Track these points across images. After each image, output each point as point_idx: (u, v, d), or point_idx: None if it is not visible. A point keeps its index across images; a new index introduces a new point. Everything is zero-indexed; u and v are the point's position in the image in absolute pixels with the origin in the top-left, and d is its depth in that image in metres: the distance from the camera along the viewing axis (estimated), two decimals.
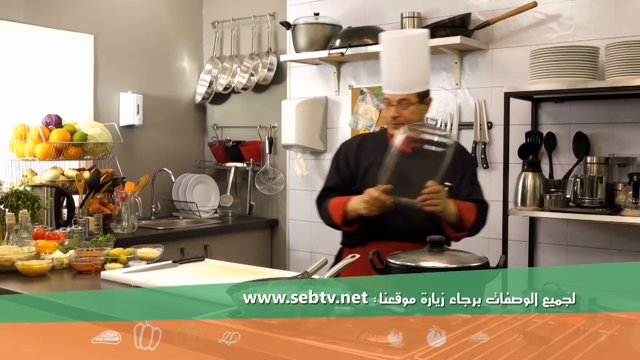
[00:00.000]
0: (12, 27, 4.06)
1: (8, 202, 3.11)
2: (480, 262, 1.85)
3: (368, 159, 2.68)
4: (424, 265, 1.83)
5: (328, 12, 4.30)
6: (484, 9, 3.77)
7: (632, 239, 3.35)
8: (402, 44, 2.57)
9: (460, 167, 2.59)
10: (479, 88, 3.81)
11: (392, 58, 2.59)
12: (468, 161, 2.72)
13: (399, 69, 2.56)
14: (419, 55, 2.57)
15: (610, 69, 3.14)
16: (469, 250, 2.02)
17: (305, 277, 2.02)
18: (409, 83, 2.54)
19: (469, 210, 2.53)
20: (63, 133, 3.91)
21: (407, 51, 2.55)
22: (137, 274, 2.34)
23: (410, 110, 2.55)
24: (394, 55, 2.58)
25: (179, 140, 4.98)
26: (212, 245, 4.25)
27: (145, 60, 4.80)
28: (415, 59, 2.55)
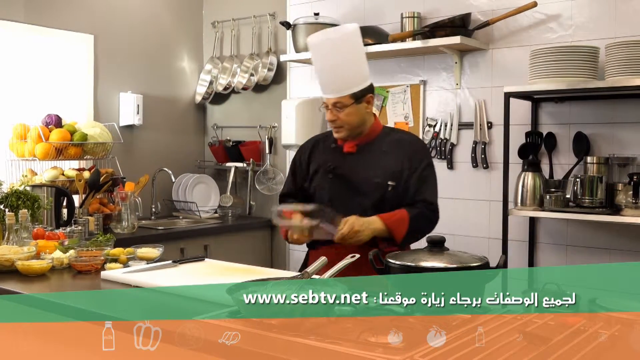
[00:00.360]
0: (12, 27, 4.06)
1: (8, 202, 3.11)
2: (480, 262, 1.85)
3: (317, 162, 2.64)
4: (424, 265, 1.83)
5: (328, 12, 4.30)
6: (484, 9, 3.77)
7: (632, 239, 3.35)
8: (327, 45, 2.44)
9: (411, 160, 2.52)
10: (479, 88, 3.81)
11: (319, 61, 2.50)
12: (420, 154, 2.58)
13: (328, 72, 2.47)
14: (348, 54, 2.44)
15: (610, 69, 3.14)
16: (469, 250, 2.02)
17: (305, 277, 2.02)
18: (339, 85, 2.45)
19: (400, 224, 2.45)
20: (63, 133, 3.91)
21: (334, 52, 2.43)
22: (137, 274, 2.34)
23: (346, 112, 2.46)
24: (321, 58, 2.48)
25: (179, 140, 4.98)
26: (212, 245, 4.25)
27: (145, 60, 4.79)
28: (344, 59, 2.43)
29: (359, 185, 2.53)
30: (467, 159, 3.84)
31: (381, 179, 2.51)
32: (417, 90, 4.03)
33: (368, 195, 2.52)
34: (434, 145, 3.95)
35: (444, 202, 3.94)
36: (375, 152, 2.55)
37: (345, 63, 2.44)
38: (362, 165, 2.54)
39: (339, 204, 2.53)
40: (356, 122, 2.50)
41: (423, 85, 4.01)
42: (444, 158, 3.92)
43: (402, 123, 4.07)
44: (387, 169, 2.51)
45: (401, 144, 2.57)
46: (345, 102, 2.46)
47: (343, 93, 2.44)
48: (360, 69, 2.48)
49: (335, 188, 2.57)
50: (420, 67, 4.03)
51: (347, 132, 2.52)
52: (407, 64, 4.07)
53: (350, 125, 2.50)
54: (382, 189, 2.51)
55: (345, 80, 2.44)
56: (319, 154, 2.66)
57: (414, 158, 2.53)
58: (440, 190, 3.95)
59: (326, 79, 2.48)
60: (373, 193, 2.52)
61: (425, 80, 4.01)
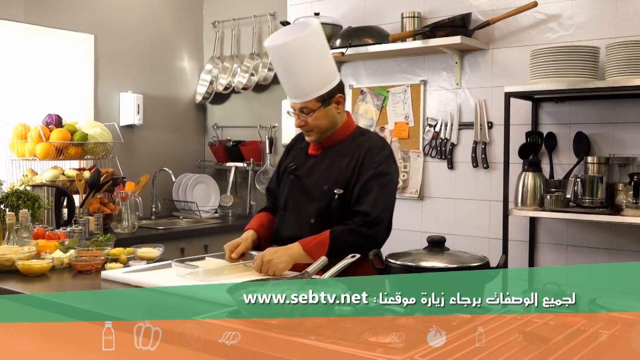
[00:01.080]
0: (12, 26, 4.06)
1: (8, 201, 3.11)
2: (481, 262, 1.85)
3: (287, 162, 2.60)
4: (424, 265, 1.83)
5: (328, 12, 4.30)
6: (484, 8, 3.77)
7: (633, 239, 3.35)
8: (287, 48, 2.28)
9: (360, 168, 2.39)
10: (479, 88, 3.81)
11: (279, 65, 2.36)
12: (371, 162, 2.39)
13: (290, 76, 2.33)
14: (310, 55, 2.29)
15: (610, 69, 3.14)
16: (469, 250, 2.02)
17: (305, 277, 2.02)
18: (304, 90, 2.32)
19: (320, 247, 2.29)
20: (63, 133, 3.91)
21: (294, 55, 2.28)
22: (137, 274, 2.34)
23: (314, 117, 2.35)
24: (281, 62, 2.33)
25: (179, 140, 4.98)
26: (212, 245, 4.25)
27: (146, 60, 4.80)
28: (306, 61, 2.28)
29: (310, 191, 2.45)
30: (468, 159, 3.84)
31: (329, 186, 2.40)
32: (418, 90, 4.03)
33: (316, 202, 2.43)
34: (434, 145, 3.95)
35: (444, 202, 3.97)
36: (336, 157, 2.44)
37: (308, 65, 2.29)
38: (318, 169, 2.45)
39: (292, 208, 2.50)
40: (326, 125, 2.40)
41: (423, 85, 4.01)
42: (444, 158, 3.93)
43: (403, 123, 4.07)
44: (339, 176, 2.40)
45: (359, 149, 2.41)
46: (311, 107, 2.34)
47: (308, 97, 2.32)
48: (325, 69, 2.34)
49: (292, 191, 2.51)
50: (421, 67, 4.03)
51: (317, 135, 2.43)
52: (408, 63, 4.07)
53: (320, 129, 2.40)
54: (329, 196, 2.40)
55: (309, 83, 2.31)
56: (293, 152, 2.60)
57: (363, 166, 2.38)
58: (441, 190, 3.99)
59: (289, 83, 2.35)
60: (320, 200, 2.42)
61: (426, 80, 4.01)
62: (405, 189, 4.07)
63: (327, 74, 2.35)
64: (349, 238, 2.31)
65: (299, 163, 2.52)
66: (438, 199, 3.98)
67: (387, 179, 2.40)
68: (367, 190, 2.35)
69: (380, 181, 2.37)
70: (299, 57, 2.27)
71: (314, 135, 2.44)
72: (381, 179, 2.38)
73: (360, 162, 2.39)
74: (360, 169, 2.38)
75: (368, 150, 2.40)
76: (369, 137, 2.50)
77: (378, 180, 2.37)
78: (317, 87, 2.32)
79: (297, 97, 2.35)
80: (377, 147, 2.43)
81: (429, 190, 4.01)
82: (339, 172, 2.41)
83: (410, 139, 4.05)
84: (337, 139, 2.46)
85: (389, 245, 2.47)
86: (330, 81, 2.36)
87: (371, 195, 2.34)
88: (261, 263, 2.27)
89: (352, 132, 2.48)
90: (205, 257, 2.57)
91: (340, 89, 2.41)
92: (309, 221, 2.43)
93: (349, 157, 2.42)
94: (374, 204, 2.34)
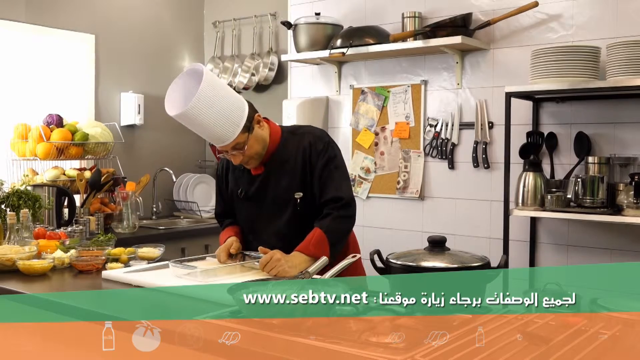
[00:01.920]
0: (13, 26, 4.06)
1: (9, 201, 3.11)
2: (481, 262, 1.85)
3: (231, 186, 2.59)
4: (425, 265, 1.83)
5: (329, 12, 4.30)
6: (485, 8, 3.77)
7: (633, 239, 3.34)
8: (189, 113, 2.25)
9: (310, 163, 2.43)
10: (480, 88, 3.81)
11: (196, 123, 2.30)
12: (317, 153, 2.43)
13: (206, 131, 2.31)
14: (218, 99, 2.27)
15: (611, 69, 3.13)
16: (470, 250, 2.02)
17: (305, 277, 2.02)
18: (225, 135, 2.30)
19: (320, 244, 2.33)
20: (64, 133, 3.91)
21: (198, 115, 2.25)
22: (138, 274, 2.34)
23: (249, 145, 2.35)
24: (192, 124, 2.30)
25: (179, 140, 4.97)
26: (213, 245, 4.25)
27: (146, 60, 4.80)
28: (218, 106, 2.26)
29: (271, 206, 2.47)
30: (468, 159, 3.84)
31: (288, 194, 2.43)
32: (418, 90, 4.03)
33: (281, 214, 2.46)
34: (435, 145, 3.95)
35: (444, 202, 3.97)
36: (279, 166, 2.46)
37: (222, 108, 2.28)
38: (269, 184, 2.47)
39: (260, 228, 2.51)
40: (261, 148, 2.41)
41: (424, 85, 4.01)
42: (445, 158, 3.92)
43: (403, 123, 4.07)
44: (292, 181, 2.43)
45: (299, 147, 2.45)
46: (242, 140, 2.33)
47: (234, 136, 2.31)
48: (235, 102, 2.33)
49: (252, 215, 2.53)
50: (421, 67, 4.03)
51: (257, 161, 2.44)
52: (408, 63, 4.07)
53: (258, 154, 2.41)
54: (291, 203, 2.43)
55: (228, 125, 2.30)
56: (233, 176, 2.59)
57: (312, 159, 2.43)
58: (441, 190, 3.99)
59: (212, 132, 2.31)
60: (285, 210, 2.45)
61: (426, 80, 4.01)
62: (406, 188, 4.07)
63: (236, 108, 2.33)
64: (338, 225, 2.39)
65: (246, 187, 2.52)
66: (439, 199, 3.98)
67: (337, 161, 2.46)
68: (327, 178, 2.42)
69: (332, 165, 2.44)
70: (206, 111, 2.26)
71: (254, 162, 2.44)
72: (332, 163, 2.44)
73: (307, 160, 2.43)
74: (310, 165, 2.43)
75: (309, 146, 2.44)
76: (302, 133, 2.52)
77: (330, 165, 2.44)
78: (236, 125, 2.31)
79: (225, 140, 2.33)
80: (315, 138, 2.48)
81: (430, 190, 4.01)
82: (291, 178, 2.44)
83: (411, 139, 4.05)
84: (272, 150, 2.46)
85: (389, 245, 2.47)
86: (242, 112, 2.34)
87: (333, 181, 2.42)
88: (269, 259, 2.27)
89: (281, 137, 2.49)
90: (205, 257, 2.57)
91: (253, 109, 2.41)
92: (283, 231, 2.45)
93: (292, 160, 2.45)
94: (339, 187, 2.41)
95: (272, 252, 2.30)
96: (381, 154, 4.17)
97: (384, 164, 4.17)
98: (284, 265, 2.25)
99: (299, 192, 2.42)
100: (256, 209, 2.51)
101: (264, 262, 2.28)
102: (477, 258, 1.88)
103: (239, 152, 2.36)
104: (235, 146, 2.34)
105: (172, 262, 2.38)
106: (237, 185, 2.55)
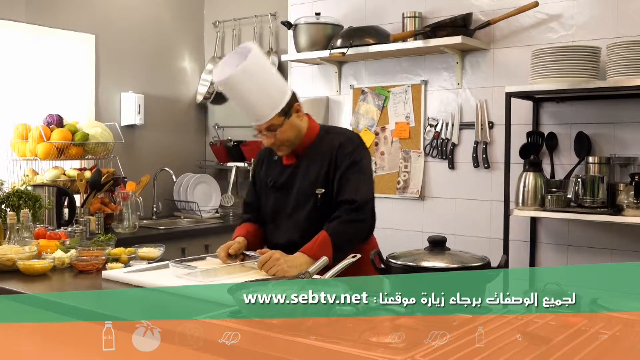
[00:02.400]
0: (13, 26, 4.06)
1: (9, 201, 3.11)
2: (482, 262, 1.84)
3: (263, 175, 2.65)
4: (425, 265, 1.83)
5: (329, 12, 4.30)
6: (485, 8, 3.77)
7: (634, 239, 3.34)
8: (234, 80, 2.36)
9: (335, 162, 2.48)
10: (480, 88, 3.81)
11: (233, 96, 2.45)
12: (345, 154, 2.49)
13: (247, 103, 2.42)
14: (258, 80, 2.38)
15: (611, 69, 3.13)
16: (470, 250, 2.02)
17: (306, 277, 2.02)
18: (264, 110, 2.40)
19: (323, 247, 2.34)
20: (64, 133, 3.91)
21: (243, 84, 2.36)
22: (138, 274, 2.34)
23: (281, 131, 2.43)
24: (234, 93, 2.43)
25: (180, 140, 4.98)
26: (213, 245, 4.24)
27: (147, 60, 4.80)
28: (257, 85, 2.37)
29: (296, 198, 2.53)
30: (469, 159, 3.84)
31: (311, 189, 2.49)
32: (419, 90, 4.03)
33: (303, 207, 2.51)
34: (435, 145, 3.95)
35: (445, 202, 3.97)
36: (309, 160, 2.52)
37: (263, 86, 2.39)
38: (297, 176, 2.53)
39: (282, 218, 2.56)
40: (294, 136, 2.48)
41: (424, 85, 4.01)
42: (445, 158, 3.92)
43: (404, 123, 4.07)
44: (317, 177, 2.49)
45: (330, 147, 2.50)
46: (276, 123, 2.42)
47: (272, 115, 2.40)
48: (275, 87, 2.43)
49: (277, 204, 2.58)
50: (422, 67, 4.03)
51: (289, 148, 2.51)
52: (409, 63, 4.07)
53: (289, 141, 2.48)
54: (313, 198, 2.48)
55: (269, 102, 2.40)
56: (267, 166, 2.66)
57: (337, 159, 2.48)
58: (442, 190, 3.99)
59: (250, 108, 2.42)
60: (307, 203, 2.50)
61: (427, 80, 4.01)
62: (406, 189, 4.07)
63: (279, 90, 2.43)
64: (345, 228, 2.40)
65: (276, 176, 2.60)
66: (439, 199, 3.98)
67: (361, 165, 2.50)
68: (346, 180, 2.46)
69: (355, 168, 2.47)
70: (251, 81, 2.37)
71: (286, 149, 2.51)
72: (356, 167, 2.48)
73: (334, 159, 2.48)
74: (335, 165, 2.48)
75: (339, 147, 2.50)
76: (335, 133, 2.60)
77: (353, 168, 2.47)
78: (276, 104, 2.41)
79: (261, 118, 2.42)
80: (346, 140, 2.53)
81: (430, 190, 4.01)
82: (317, 174, 2.49)
83: (411, 139, 4.05)
84: (307, 144, 2.54)
85: (389, 245, 2.47)
86: (285, 94, 2.44)
87: (351, 183, 2.45)
88: (268, 258, 2.29)
89: (318, 133, 2.56)
90: (205, 257, 2.57)
91: (295, 98, 2.50)
92: (302, 225, 2.49)
93: (322, 157, 2.50)
94: (356, 191, 2.44)
95: (272, 252, 2.32)
96: (381, 154, 4.17)
97: (384, 164, 4.17)
98: (282, 265, 2.27)
99: (322, 188, 2.47)
100: (281, 199, 2.57)
101: (263, 261, 2.30)
102: (477, 258, 1.88)
103: (271, 134, 2.44)
104: (269, 127, 2.42)
105: (172, 262, 2.38)
106: (268, 174, 2.63)
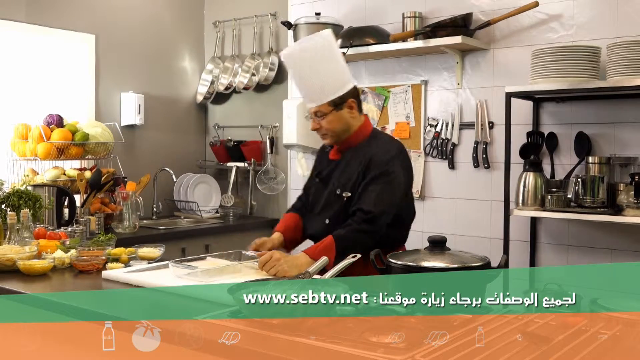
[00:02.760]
0: (13, 26, 4.06)
1: (9, 201, 3.11)
2: (482, 262, 1.85)
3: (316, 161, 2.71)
4: (425, 265, 1.83)
5: (329, 12, 4.30)
6: (485, 8, 3.77)
7: (634, 239, 3.34)
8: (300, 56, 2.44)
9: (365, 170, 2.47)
10: (480, 88, 3.81)
11: (295, 72, 2.52)
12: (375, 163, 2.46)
13: (305, 82, 2.47)
14: (322, 62, 2.42)
15: (611, 69, 3.13)
16: (471, 250, 2.02)
17: (306, 277, 2.02)
18: (317, 94, 2.45)
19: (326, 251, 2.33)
20: (64, 133, 3.91)
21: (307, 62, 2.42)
22: (138, 274, 2.34)
23: (327, 120, 2.46)
24: (296, 69, 2.48)
25: (180, 140, 4.98)
26: (213, 245, 4.25)
27: (147, 60, 4.80)
28: (319, 67, 2.41)
29: (328, 195, 2.55)
30: (469, 159, 3.84)
31: (341, 190, 2.50)
32: (419, 90, 4.03)
33: (330, 205, 2.54)
34: (435, 145, 3.95)
35: (445, 202, 3.96)
36: (351, 160, 2.52)
37: (321, 71, 2.42)
38: (335, 174, 2.55)
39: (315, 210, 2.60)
40: (339, 129, 2.49)
41: (424, 85, 4.01)
42: (446, 158, 3.92)
43: (404, 123, 4.07)
44: (349, 180, 2.49)
45: (368, 152, 2.49)
46: (324, 110, 2.46)
47: (321, 101, 2.45)
48: (337, 75, 2.45)
49: (315, 194, 2.61)
50: (422, 67, 4.03)
51: (332, 138, 2.53)
52: (409, 63, 4.07)
53: (334, 132, 2.49)
54: (340, 200, 2.50)
55: (322, 88, 2.43)
56: (320, 156, 2.72)
57: (367, 168, 2.46)
58: (442, 190, 3.99)
59: (304, 88, 2.49)
60: (334, 203, 2.52)
61: (427, 80, 4.01)
62: None
63: (338, 80, 2.45)
64: (353, 236, 2.39)
65: (321, 168, 2.64)
66: (439, 199, 3.98)
67: (390, 178, 2.45)
68: (367, 190, 2.43)
69: (382, 180, 2.43)
70: (311, 63, 2.41)
71: (329, 138, 2.54)
72: (384, 178, 2.43)
73: (365, 166, 2.46)
74: (365, 172, 2.46)
75: (373, 155, 2.48)
76: (377, 139, 2.57)
77: (381, 179, 2.43)
78: (330, 92, 2.43)
79: (311, 101, 2.47)
80: (382, 150, 2.50)
81: (430, 190, 4.01)
82: (350, 176, 2.50)
83: (411, 139, 4.05)
84: (354, 143, 2.54)
85: None
86: (342, 86, 2.46)
87: (371, 193, 2.42)
88: (269, 258, 2.29)
89: (368, 136, 2.55)
90: (206, 257, 2.57)
91: (354, 95, 2.50)
92: (325, 222, 2.51)
93: (359, 162, 2.50)
94: (374, 202, 2.40)
95: (272, 252, 2.33)
96: None
97: None
98: (283, 265, 2.27)
99: (349, 192, 2.48)
100: (319, 192, 2.60)
101: (263, 261, 2.30)
102: (478, 258, 1.88)
103: (317, 120, 2.48)
104: (316, 112, 2.48)
105: (172, 262, 2.38)
106: (318, 164, 2.68)
